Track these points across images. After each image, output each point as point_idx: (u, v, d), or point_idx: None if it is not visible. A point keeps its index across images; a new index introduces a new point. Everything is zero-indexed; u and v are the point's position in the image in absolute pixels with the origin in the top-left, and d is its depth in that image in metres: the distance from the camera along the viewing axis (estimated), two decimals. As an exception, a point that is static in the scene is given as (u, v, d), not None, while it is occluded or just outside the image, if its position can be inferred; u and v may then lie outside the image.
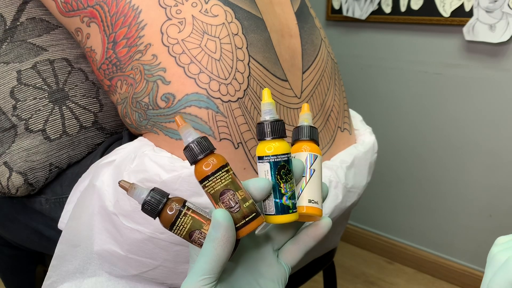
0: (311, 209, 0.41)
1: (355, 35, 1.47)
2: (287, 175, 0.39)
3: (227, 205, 0.37)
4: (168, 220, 0.38)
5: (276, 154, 0.39)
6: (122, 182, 0.38)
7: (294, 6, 0.68)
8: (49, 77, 0.67)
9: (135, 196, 0.38)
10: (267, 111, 0.40)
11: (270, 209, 0.39)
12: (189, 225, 0.38)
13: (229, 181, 0.37)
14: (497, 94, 1.23)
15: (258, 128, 0.40)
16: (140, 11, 0.56)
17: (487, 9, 1.15)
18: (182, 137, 0.38)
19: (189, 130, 0.38)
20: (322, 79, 0.69)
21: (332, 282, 1.00)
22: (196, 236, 0.38)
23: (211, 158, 0.38)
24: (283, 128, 0.40)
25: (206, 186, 0.38)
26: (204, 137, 0.38)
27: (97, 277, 0.61)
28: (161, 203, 0.38)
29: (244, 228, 0.38)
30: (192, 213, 0.38)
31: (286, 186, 0.39)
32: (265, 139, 0.39)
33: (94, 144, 0.71)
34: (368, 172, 0.73)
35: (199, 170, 0.38)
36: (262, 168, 0.40)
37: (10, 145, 0.66)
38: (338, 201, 0.65)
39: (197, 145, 0.37)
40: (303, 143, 0.43)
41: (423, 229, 1.49)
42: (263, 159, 0.39)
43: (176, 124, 0.38)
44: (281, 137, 0.40)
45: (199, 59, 0.55)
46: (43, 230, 0.71)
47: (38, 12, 0.68)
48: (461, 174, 1.35)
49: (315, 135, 0.44)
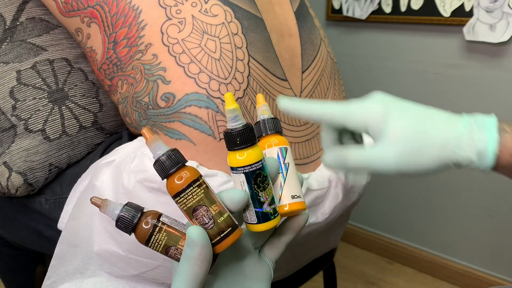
0: (296, 204, 0.40)
1: (355, 35, 1.47)
2: (263, 182, 0.38)
3: (201, 221, 0.36)
4: (143, 236, 0.37)
5: (250, 163, 0.37)
6: (93, 199, 0.37)
7: (293, 6, 0.68)
8: (48, 77, 0.67)
9: (108, 213, 0.37)
10: (232, 117, 0.37)
11: (251, 219, 0.38)
12: (165, 241, 0.37)
13: (202, 196, 0.36)
14: (497, 94, 1.23)
15: (226, 137, 0.37)
16: (140, 11, 0.56)
17: (487, 9, 1.15)
18: (150, 151, 0.36)
19: (158, 143, 0.36)
20: (322, 78, 0.69)
21: (332, 282, 1.00)
22: (173, 252, 0.37)
23: (184, 171, 0.36)
24: (253, 134, 0.38)
25: (179, 202, 0.36)
26: (174, 150, 0.36)
27: (97, 277, 0.61)
28: (136, 218, 0.37)
29: (221, 244, 0.36)
30: (168, 227, 0.37)
31: (265, 193, 0.38)
32: (235, 149, 0.37)
33: (93, 144, 0.71)
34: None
35: (170, 185, 0.36)
36: (237, 179, 0.38)
37: (10, 145, 0.66)
38: (338, 201, 0.65)
39: (168, 158, 0.35)
40: (270, 138, 0.42)
41: (423, 229, 1.49)
42: (237, 170, 0.37)
43: (144, 137, 0.36)
44: (253, 144, 0.37)
45: (199, 58, 0.55)
46: (43, 230, 0.71)
47: (38, 12, 0.68)
48: (461, 174, 1.35)
49: (279, 126, 0.42)
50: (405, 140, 0.41)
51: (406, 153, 0.41)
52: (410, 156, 0.41)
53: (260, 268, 0.42)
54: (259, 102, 0.43)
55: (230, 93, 0.38)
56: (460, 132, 0.40)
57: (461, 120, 0.42)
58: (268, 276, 0.42)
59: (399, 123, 0.41)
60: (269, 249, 0.43)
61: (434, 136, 0.40)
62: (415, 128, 0.41)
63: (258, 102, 0.43)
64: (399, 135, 0.41)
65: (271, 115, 0.42)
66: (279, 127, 0.42)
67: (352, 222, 1.67)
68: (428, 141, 0.40)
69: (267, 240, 0.43)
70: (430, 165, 0.41)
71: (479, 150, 0.40)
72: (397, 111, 0.42)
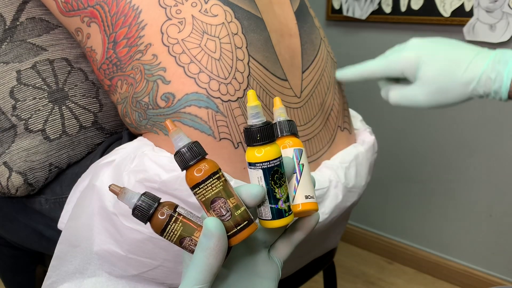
0: (309, 204, 0.41)
1: (355, 35, 1.47)
2: (280, 179, 0.39)
3: (218, 213, 0.36)
4: (159, 226, 0.37)
5: (268, 160, 0.38)
6: (112, 186, 0.38)
7: (293, 6, 0.68)
8: (48, 77, 0.67)
9: (125, 201, 0.38)
10: (254, 114, 0.38)
11: (266, 215, 0.39)
12: (180, 231, 0.37)
13: (220, 188, 0.36)
14: (497, 94, 1.23)
15: (247, 133, 0.38)
16: (140, 11, 0.56)
17: (487, 9, 1.15)
18: (172, 142, 0.37)
19: (180, 135, 0.37)
20: (322, 78, 0.69)
21: (332, 282, 1.00)
22: (187, 243, 0.37)
23: (203, 164, 0.36)
24: (272, 131, 0.38)
25: (197, 193, 0.37)
26: (196, 142, 0.37)
27: (97, 277, 0.61)
28: (152, 207, 0.37)
29: (236, 236, 0.37)
30: (183, 218, 0.37)
31: (281, 190, 0.39)
32: (254, 145, 0.38)
33: (93, 144, 0.71)
34: (368, 172, 0.73)
35: (189, 176, 0.37)
36: (254, 174, 0.39)
37: (10, 145, 0.66)
38: (338, 201, 0.65)
39: (188, 150, 0.36)
40: (285, 139, 0.43)
41: (423, 229, 1.49)
42: (255, 166, 0.38)
43: (167, 128, 0.37)
44: (272, 141, 0.38)
45: (199, 58, 0.55)
46: (43, 230, 0.71)
47: (38, 12, 0.68)
48: (461, 174, 1.35)
49: (295, 128, 0.43)
50: (433, 82, 0.51)
51: (434, 93, 0.52)
52: (437, 94, 0.52)
53: (270, 267, 0.42)
54: (276, 104, 0.44)
55: (253, 91, 0.39)
56: (482, 70, 0.49)
57: (488, 56, 0.50)
58: (277, 275, 0.43)
59: (428, 68, 0.52)
60: (278, 248, 0.44)
61: (459, 77, 0.50)
62: (442, 72, 0.51)
63: (275, 104, 0.44)
64: (428, 79, 0.51)
65: (287, 117, 0.43)
66: (294, 129, 0.43)
67: (352, 222, 1.67)
68: (452, 83, 0.50)
69: (276, 239, 0.44)
70: (455, 100, 0.52)
71: (495, 89, 0.49)
72: (427, 55, 0.53)
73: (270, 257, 0.43)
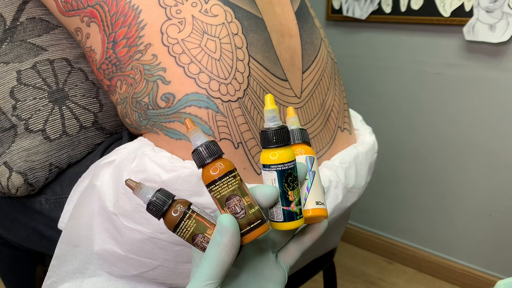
0: (319, 210, 0.42)
1: (355, 35, 1.47)
2: (293, 182, 0.39)
3: (233, 210, 0.37)
4: (172, 222, 0.38)
5: (283, 162, 0.39)
6: (128, 181, 0.38)
7: (294, 6, 0.68)
8: (49, 77, 0.67)
9: (140, 196, 0.38)
10: (271, 117, 0.39)
11: (277, 216, 0.40)
12: (193, 228, 0.38)
13: (236, 186, 0.37)
14: (497, 94, 1.23)
15: (263, 135, 0.39)
16: (140, 11, 0.56)
17: (487, 9, 1.15)
18: (191, 140, 0.38)
19: (198, 134, 0.38)
20: (322, 78, 0.69)
21: (332, 282, 1.00)
22: (199, 240, 0.38)
23: (219, 162, 0.38)
24: (288, 135, 0.40)
25: (213, 190, 0.38)
26: (213, 141, 0.38)
27: (97, 277, 0.61)
28: (166, 204, 0.38)
29: (249, 235, 0.38)
30: (197, 216, 0.38)
31: (294, 193, 0.39)
32: (270, 147, 0.39)
33: (94, 144, 0.71)
34: (368, 172, 0.73)
35: (206, 174, 0.38)
36: (268, 176, 0.39)
37: (10, 145, 0.66)
38: (338, 201, 0.65)
39: (206, 149, 0.38)
40: (297, 147, 0.44)
41: (423, 229, 1.49)
42: (270, 168, 0.39)
43: (186, 127, 0.39)
44: (287, 144, 0.39)
45: (199, 59, 0.55)
46: (43, 230, 0.71)
47: (38, 12, 0.68)
48: (461, 174, 1.35)
49: (307, 137, 0.45)
50: None
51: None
52: None
53: (277, 271, 0.43)
54: (289, 113, 0.45)
55: (271, 95, 0.40)
56: None
57: None
58: (283, 280, 0.43)
59: None
60: (285, 254, 0.44)
61: None
62: None
63: (289, 113, 0.45)
64: None
65: (300, 126, 0.45)
66: (306, 138, 0.44)
67: (352, 222, 1.67)
68: None
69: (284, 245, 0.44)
70: None
71: None
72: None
73: (277, 261, 0.44)
